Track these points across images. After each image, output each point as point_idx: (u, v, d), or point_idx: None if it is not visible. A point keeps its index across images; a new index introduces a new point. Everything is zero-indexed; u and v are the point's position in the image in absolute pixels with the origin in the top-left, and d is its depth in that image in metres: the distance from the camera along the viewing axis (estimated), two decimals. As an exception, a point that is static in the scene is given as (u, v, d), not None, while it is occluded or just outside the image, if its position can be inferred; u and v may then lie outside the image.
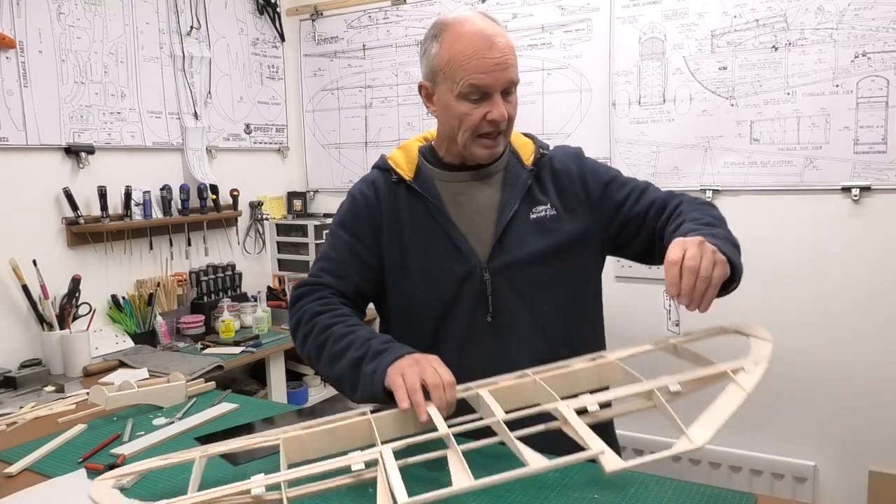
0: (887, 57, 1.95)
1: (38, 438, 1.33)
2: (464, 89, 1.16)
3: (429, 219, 1.24)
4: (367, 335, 1.13)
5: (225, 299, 2.50)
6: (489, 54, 1.14)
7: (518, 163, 1.28)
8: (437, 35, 1.20)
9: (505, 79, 1.16)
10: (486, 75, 1.14)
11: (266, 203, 2.90)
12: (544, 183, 1.28)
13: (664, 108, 2.28)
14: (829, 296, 2.10)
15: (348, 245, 1.27)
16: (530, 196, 1.26)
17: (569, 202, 1.28)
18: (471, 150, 1.22)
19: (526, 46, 2.49)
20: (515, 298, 1.24)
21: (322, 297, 1.22)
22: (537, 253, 1.24)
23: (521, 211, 1.25)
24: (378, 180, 1.30)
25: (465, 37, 1.15)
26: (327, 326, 1.16)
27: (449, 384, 0.99)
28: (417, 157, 1.30)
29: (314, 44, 2.99)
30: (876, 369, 2.05)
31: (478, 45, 1.14)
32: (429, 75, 1.23)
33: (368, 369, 1.07)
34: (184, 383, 1.53)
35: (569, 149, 1.35)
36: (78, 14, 2.16)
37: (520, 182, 1.26)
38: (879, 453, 2.06)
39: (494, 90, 1.16)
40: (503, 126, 1.20)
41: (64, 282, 2.07)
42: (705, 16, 2.18)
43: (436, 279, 1.23)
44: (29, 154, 2.05)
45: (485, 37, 1.15)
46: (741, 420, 2.37)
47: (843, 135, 2.03)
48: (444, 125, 1.25)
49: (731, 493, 0.98)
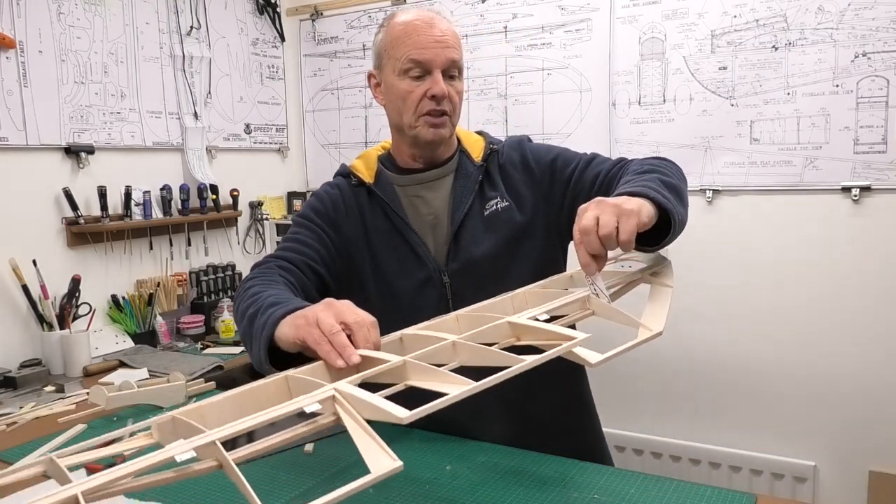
0: (887, 57, 1.95)
1: (38, 438, 1.33)
2: (405, 65, 1.18)
3: (388, 223, 1.25)
4: (273, 292, 1.00)
5: (225, 299, 2.50)
6: (428, 31, 1.18)
7: (468, 161, 1.28)
8: (384, 25, 1.25)
9: (445, 56, 1.18)
10: (426, 50, 1.18)
11: (266, 203, 2.91)
12: (493, 177, 1.28)
13: (664, 108, 2.28)
14: (829, 296, 2.10)
15: (307, 227, 1.24)
16: (481, 192, 1.26)
17: (517, 191, 1.27)
18: (416, 132, 1.21)
19: (526, 46, 2.49)
20: (477, 297, 1.18)
21: (265, 271, 1.15)
22: (493, 248, 1.23)
23: (475, 209, 1.25)
24: (342, 184, 1.31)
25: (407, 20, 1.21)
26: (252, 295, 1.04)
27: (371, 324, 0.87)
28: (377, 163, 1.31)
29: (314, 44, 2.99)
30: (876, 369, 2.05)
31: (418, 25, 1.19)
32: (375, 61, 1.27)
33: (259, 323, 0.93)
34: (184, 383, 1.53)
35: (512, 138, 1.34)
36: (78, 14, 2.17)
37: (470, 179, 1.26)
38: (879, 453, 2.07)
39: (434, 66, 1.18)
40: (445, 105, 1.20)
41: (64, 282, 2.07)
42: (705, 16, 2.18)
43: (397, 285, 1.23)
44: (29, 154, 2.05)
45: (426, 18, 1.20)
46: (741, 420, 2.39)
47: (843, 135, 2.03)
48: (391, 111, 1.26)
49: (731, 493, 0.98)
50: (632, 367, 2.38)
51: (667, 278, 1.04)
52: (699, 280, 2.27)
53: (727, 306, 2.24)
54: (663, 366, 2.35)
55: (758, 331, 2.20)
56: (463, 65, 1.24)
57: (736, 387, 2.25)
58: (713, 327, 2.26)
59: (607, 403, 2.47)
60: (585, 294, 0.96)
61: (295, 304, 0.94)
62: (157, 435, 0.70)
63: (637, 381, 2.40)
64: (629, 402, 2.42)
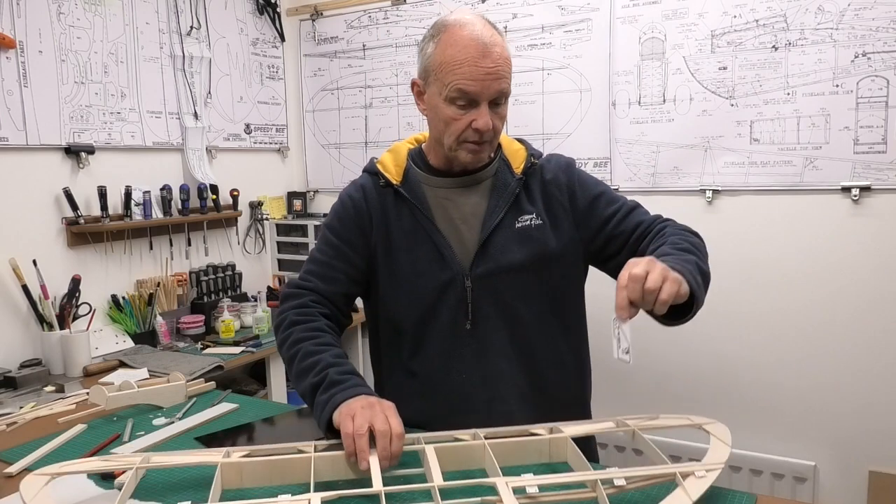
0: (887, 57, 1.95)
1: (38, 438, 1.33)
2: (452, 93, 1.16)
3: (414, 224, 1.25)
4: (330, 360, 1.13)
5: (225, 299, 2.50)
6: (482, 63, 1.14)
7: (507, 170, 1.28)
8: (436, 35, 1.19)
9: (494, 89, 1.16)
10: (476, 83, 1.14)
11: (266, 203, 2.91)
12: (532, 192, 1.27)
13: (664, 108, 2.28)
14: (829, 296, 2.10)
15: (336, 248, 1.28)
16: (517, 205, 1.26)
17: (555, 212, 1.27)
18: (455, 154, 1.22)
19: (526, 46, 2.49)
20: (496, 307, 1.24)
21: (303, 306, 1.24)
22: (520, 262, 1.23)
23: (507, 219, 1.24)
24: (367, 184, 1.31)
25: (462, 41, 1.15)
26: (298, 341, 1.18)
27: (397, 435, 0.98)
28: (406, 160, 1.30)
29: (314, 44, 2.99)
30: (876, 369, 2.05)
31: (471, 52, 1.14)
32: (422, 73, 1.23)
33: (321, 399, 1.08)
34: (184, 383, 1.53)
35: (561, 158, 1.33)
36: (78, 14, 2.16)
37: (508, 190, 1.26)
38: (879, 453, 2.07)
39: (482, 99, 1.16)
40: (487, 136, 1.19)
41: (64, 282, 2.07)
42: (705, 16, 2.18)
43: (418, 284, 1.24)
44: (29, 154, 2.05)
45: (480, 44, 1.14)
46: (741, 420, 2.39)
47: (843, 135, 2.03)
48: (432, 126, 1.26)
49: (731, 493, 0.98)
50: (631, 366, 2.38)
51: (695, 490, 0.93)
52: (699, 280, 2.27)
53: (727, 306, 2.24)
54: (663, 365, 2.35)
55: (758, 330, 2.20)
56: (510, 89, 1.21)
57: (736, 386, 2.25)
58: (713, 327, 2.26)
59: (607, 403, 2.47)
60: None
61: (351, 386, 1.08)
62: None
63: (637, 380, 2.40)
64: (629, 402, 2.41)
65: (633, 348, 0.97)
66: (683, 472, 0.93)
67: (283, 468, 0.98)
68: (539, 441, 1.06)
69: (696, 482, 0.92)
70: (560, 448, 1.05)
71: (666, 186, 2.30)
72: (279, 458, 0.99)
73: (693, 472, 0.93)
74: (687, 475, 0.93)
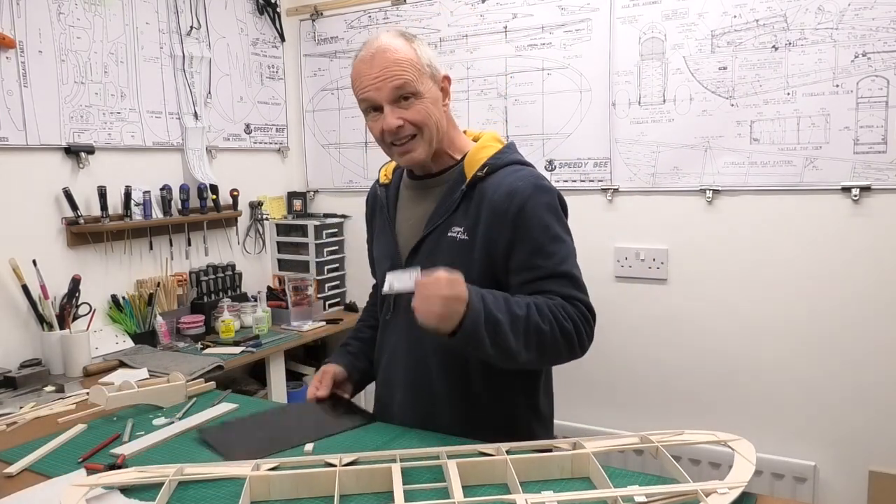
0: (887, 57, 1.95)
1: (38, 438, 1.33)
2: (362, 106, 1.27)
3: (383, 219, 1.41)
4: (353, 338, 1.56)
5: (225, 299, 2.50)
6: (368, 71, 1.22)
7: (461, 178, 1.28)
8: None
9: (388, 89, 1.21)
10: (369, 89, 1.22)
11: (266, 203, 2.91)
12: (471, 205, 1.25)
13: (664, 108, 2.27)
14: (828, 295, 2.10)
15: (368, 233, 1.54)
16: (455, 214, 1.26)
17: (486, 234, 1.23)
18: (395, 160, 1.33)
19: (526, 46, 2.49)
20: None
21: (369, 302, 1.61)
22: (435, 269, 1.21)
23: (444, 226, 1.27)
24: (376, 182, 1.50)
25: (359, 59, 1.25)
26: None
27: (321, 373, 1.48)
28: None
29: (314, 44, 2.99)
30: (876, 369, 2.05)
31: (364, 64, 1.23)
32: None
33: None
34: (184, 383, 1.53)
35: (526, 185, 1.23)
36: (78, 14, 2.16)
37: (452, 198, 1.27)
38: (879, 453, 2.07)
39: (381, 101, 1.22)
40: (401, 133, 1.23)
41: (64, 282, 2.07)
42: (705, 16, 2.18)
43: (378, 273, 1.46)
44: (29, 154, 2.05)
45: (370, 55, 1.23)
46: (741, 420, 2.38)
47: (843, 135, 2.03)
48: None
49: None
50: (631, 367, 2.38)
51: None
52: (699, 280, 2.27)
53: (727, 306, 2.24)
54: (663, 366, 2.35)
55: (757, 330, 2.20)
56: (417, 81, 1.21)
57: (736, 386, 2.25)
58: (713, 327, 2.26)
59: (607, 403, 2.48)
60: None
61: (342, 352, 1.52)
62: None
63: (636, 381, 2.39)
64: (629, 402, 2.41)
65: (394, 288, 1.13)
66: (706, 490, 0.92)
67: (310, 481, 1.03)
68: (561, 457, 1.06)
69: (719, 499, 0.91)
70: (582, 464, 1.05)
71: (666, 186, 2.30)
72: (306, 472, 1.04)
73: (716, 490, 0.92)
74: (709, 493, 0.92)
